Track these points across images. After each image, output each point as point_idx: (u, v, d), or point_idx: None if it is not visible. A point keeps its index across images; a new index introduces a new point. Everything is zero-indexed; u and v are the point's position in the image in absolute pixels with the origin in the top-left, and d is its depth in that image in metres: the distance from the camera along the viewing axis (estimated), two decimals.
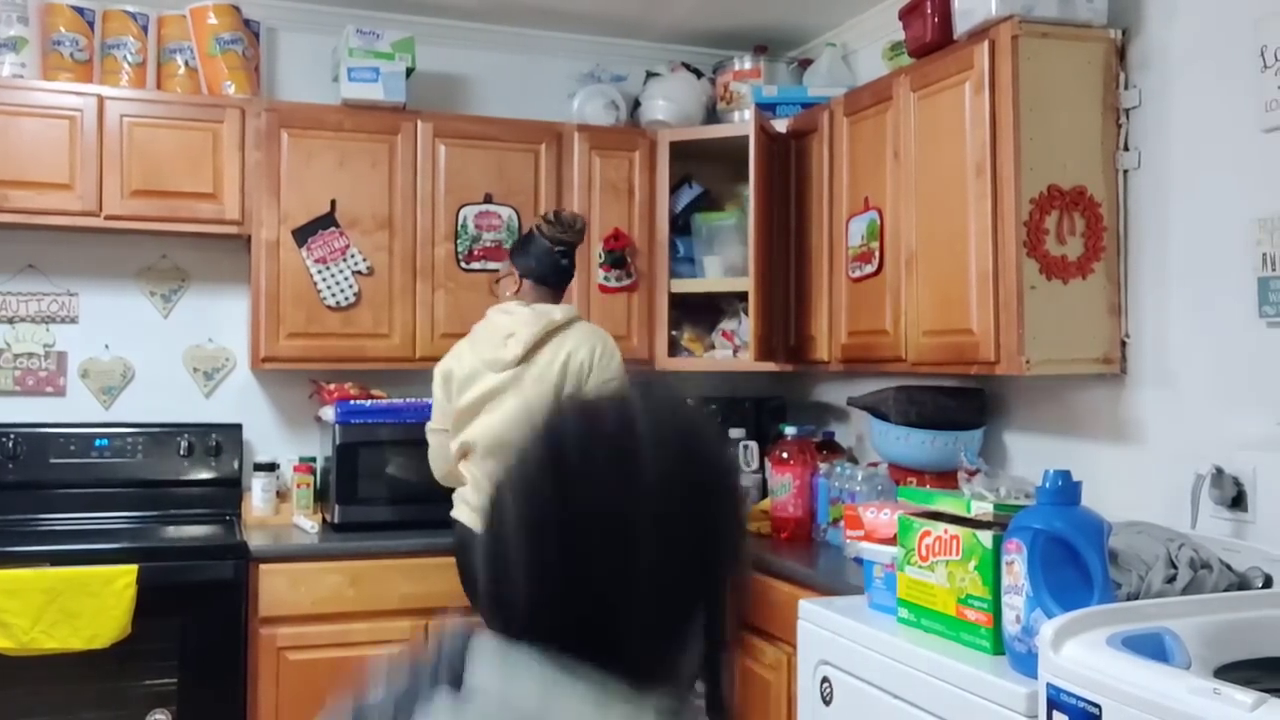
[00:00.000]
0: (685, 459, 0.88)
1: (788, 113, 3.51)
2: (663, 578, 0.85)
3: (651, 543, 0.84)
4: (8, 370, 3.40)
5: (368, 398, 3.38)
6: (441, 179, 3.48)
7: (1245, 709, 1.27)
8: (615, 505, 0.84)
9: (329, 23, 3.64)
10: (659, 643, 0.88)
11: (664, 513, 0.85)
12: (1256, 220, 2.22)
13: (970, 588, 1.91)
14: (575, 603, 0.84)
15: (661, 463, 0.86)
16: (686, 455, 0.88)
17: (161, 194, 3.22)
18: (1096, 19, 2.50)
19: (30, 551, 2.86)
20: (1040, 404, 2.84)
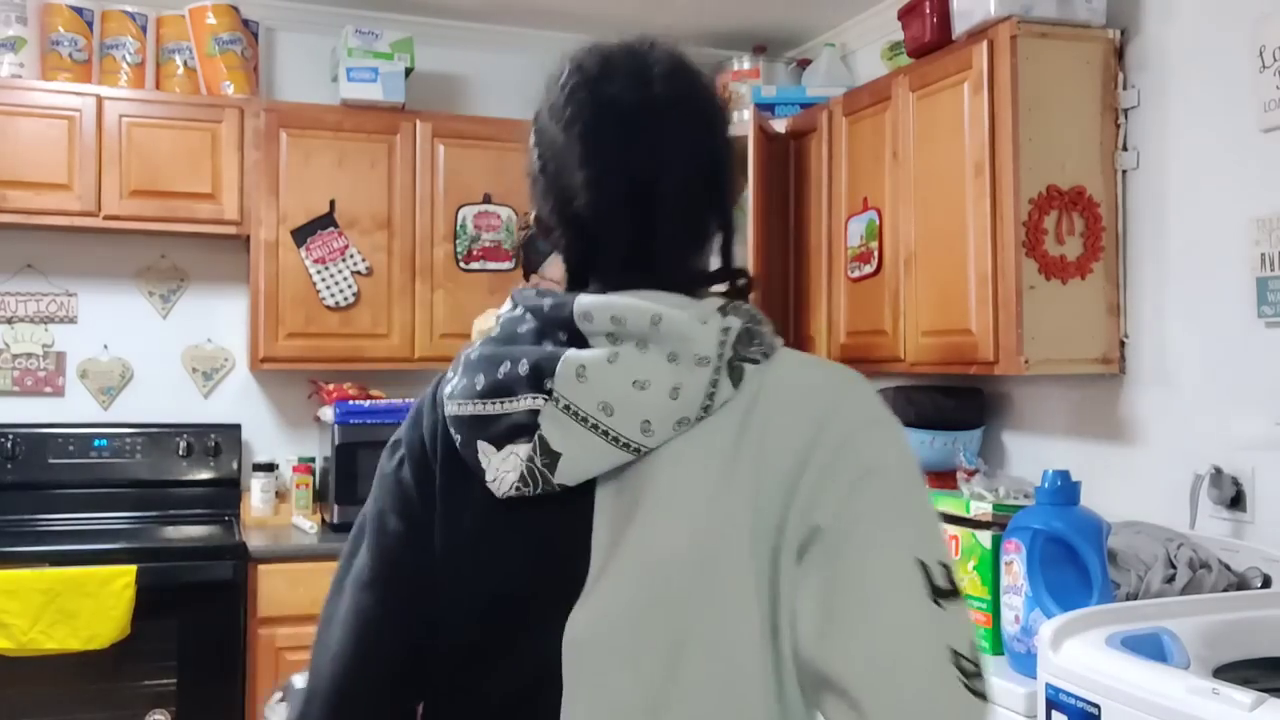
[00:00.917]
0: (683, 63, 1.03)
1: (786, 113, 3.51)
2: (681, 185, 0.94)
3: (670, 123, 0.95)
4: (6, 370, 3.40)
5: (367, 398, 3.38)
6: (440, 179, 3.48)
7: (1244, 709, 1.27)
8: (634, 94, 0.96)
9: (328, 23, 3.64)
10: (691, 243, 0.97)
11: (677, 95, 0.98)
12: (1255, 220, 2.22)
13: (969, 588, 1.91)
14: (622, 187, 0.93)
15: (667, 61, 1.02)
16: (683, 61, 1.03)
17: (160, 194, 3.22)
18: (1095, 19, 2.50)
19: (29, 552, 2.85)
20: (1039, 404, 2.84)
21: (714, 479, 0.86)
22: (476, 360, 0.95)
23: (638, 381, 0.87)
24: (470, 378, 0.95)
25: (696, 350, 0.88)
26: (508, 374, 0.91)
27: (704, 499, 0.86)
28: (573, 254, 0.99)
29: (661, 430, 0.86)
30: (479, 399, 0.93)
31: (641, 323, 0.88)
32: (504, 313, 1.00)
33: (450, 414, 0.95)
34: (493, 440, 0.91)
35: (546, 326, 0.93)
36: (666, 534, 0.85)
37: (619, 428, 0.86)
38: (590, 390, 0.87)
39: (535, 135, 1.05)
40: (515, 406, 0.90)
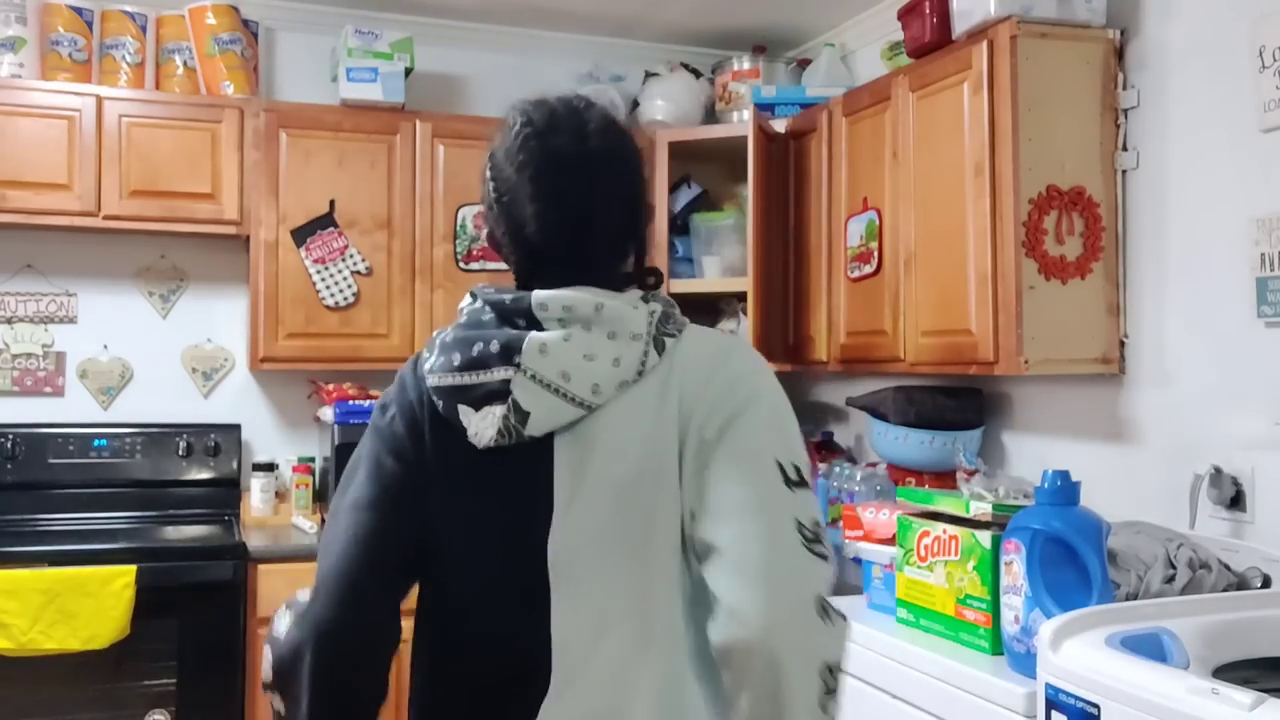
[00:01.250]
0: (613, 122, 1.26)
1: (786, 113, 3.51)
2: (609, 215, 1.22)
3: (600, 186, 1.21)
4: (6, 370, 3.40)
5: (366, 398, 3.38)
6: (440, 179, 3.48)
7: (1244, 709, 1.27)
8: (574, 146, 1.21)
9: (327, 23, 3.64)
10: (616, 257, 1.25)
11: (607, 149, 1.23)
12: (1254, 220, 2.22)
13: (969, 588, 1.91)
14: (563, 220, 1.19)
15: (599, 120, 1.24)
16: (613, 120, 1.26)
17: (160, 194, 3.22)
18: (1095, 19, 2.51)
19: (29, 552, 2.85)
20: (1039, 404, 2.84)
21: (649, 421, 1.15)
22: (451, 342, 1.20)
23: (587, 355, 1.14)
24: (447, 355, 1.19)
25: (632, 329, 1.16)
26: (481, 352, 1.16)
27: (642, 437, 1.15)
28: (521, 268, 1.25)
29: (607, 391, 1.14)
30: (457, 371, 1.18)
31: (587, 310, 1.15)
32: (466, 305, 1.24)
33: (432, 385, 1.20)
34: (471, 403, 1.17)
35: (508, 314, 1.18)
36: (621, 464, 1.14)
37: (575, 390, 1.14)
38: (551, 362, 1.14)
39: (491, 171, 1.28)
40: (490, 377, 1.15)
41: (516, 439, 1.15)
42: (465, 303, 1.25)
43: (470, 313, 1.23)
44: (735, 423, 1.14)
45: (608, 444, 1.15)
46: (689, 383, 1.16)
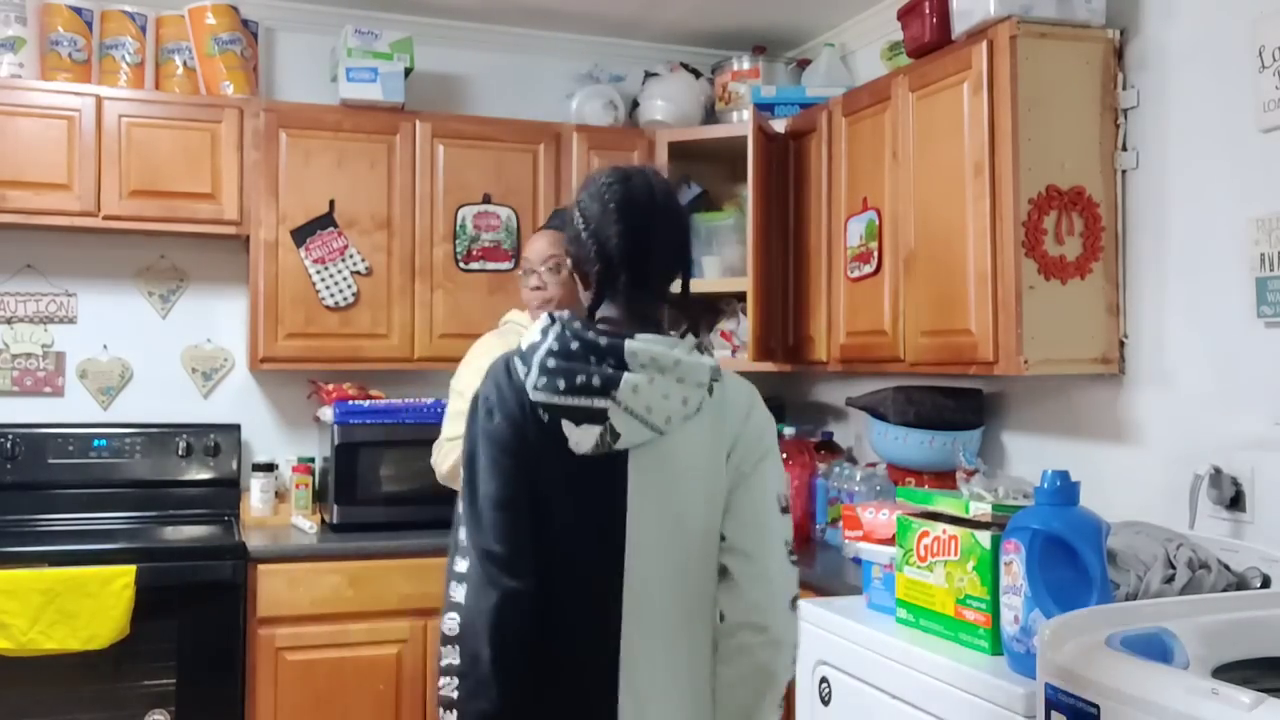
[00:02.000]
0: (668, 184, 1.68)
1: (786, 113, 3.51)
2: (666, 243, 1.63)
3: (660, 222, 1.61)
4: (6, 370, 3.40)
5: (366, 398, 3.38)
6: (440, 179, 3.48)
7: (1244, 709, 1.27)
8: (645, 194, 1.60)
9: (327, 23, 3.64)
10: (668, 280, 1.66)
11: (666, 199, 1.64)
12: (1254, 220, 2.22)
13: (969, 588, 1.91)
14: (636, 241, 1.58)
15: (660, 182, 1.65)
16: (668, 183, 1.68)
17: (160, 194, 3.22)
18: (1094, 19, 2.50)
19: (28, 552, 2.85)
20: (1038, 404, 2.84)
21: (707, 445, 1.57)
22: (555, 369, 1.52)
23: (664, 394, 1.53)
24: (552, 379, 1.52)
25: (698, 378, 1.56)
26: (584, 383, 1.51)
27: (701, 457, 1.57)
28: (600, 278, 1.60)
29: (676, 422, 1.54)
30: (563, 394, 1.51)
31: (667, 362, 1.54)
32: (548, 328, 1.56)
33: (540, 400, 1.52)
34: (573, 419, 1.51)
35: (602, 354, 1.52)
36: (684, 476, 1.56)
37: (654, 420, 1.52)
38: (639, 398, 1.52)
39: (580, 209, 1.63)
40: (590, 403, 1.51)
41: (607, 450, 1.52)
42: (545, 324, 1.56)
43: (559, 340, 1.54)
44: (761, 463, 1.60)
45: (674, 461, 1.55)
46: (732, 421, 1.59)
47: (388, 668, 3.09)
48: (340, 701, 3.06)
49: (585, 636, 1.54)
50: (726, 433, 1.58)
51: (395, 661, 3.09)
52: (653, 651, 1.54)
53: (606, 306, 1.61)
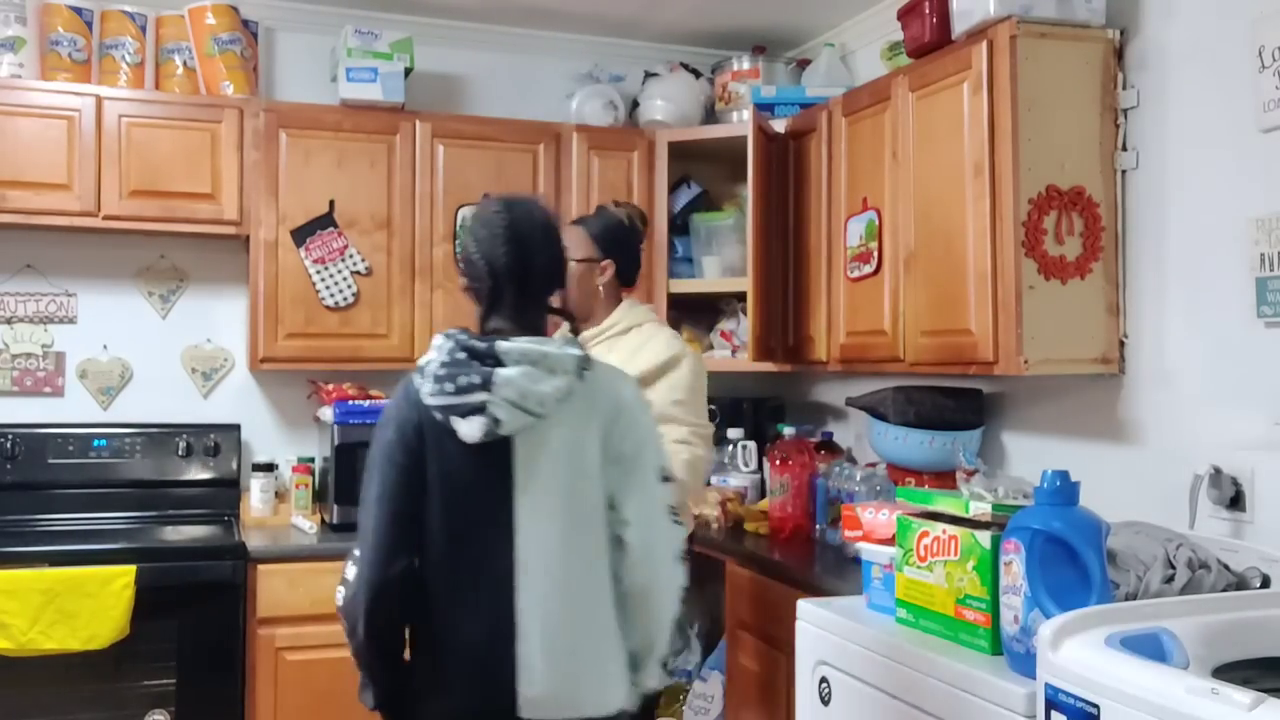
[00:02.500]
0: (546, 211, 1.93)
1: (786, 113, 3.51)
2: (546, 263, 1.89)
3: (540, 246, 1.87)
4: (6, 370, 3.40)
5: (366, 398, 3.38)
6: (440, 179, 3.48)
7: (1243, 709, 1.27)
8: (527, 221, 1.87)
9: (327, 23, 3.64)
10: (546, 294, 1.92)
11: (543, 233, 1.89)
12: (1254, 220, 2.22)
13: (968, 588, 1.91)
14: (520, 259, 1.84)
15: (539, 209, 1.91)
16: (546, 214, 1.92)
17: (160, 194, 3.22)
18: (1094, 19, 2.51)
19: (28, 552, 2.85)
20: (1038, 404, 2.84)
21: (582, 424, 1.82)
22: (443, 375, 1.78)
23: (536, 383, 1.77)
24: (441, 385, 1.78)
25: (566, 367, 1.80)
26: (465, 383, 1.76)
27: (576, 439, 1.82)
28: (491, 292, 1.87)
29: (549, 407, 1.78)
30: (450, 395, 1.77)
31: (536, 355, 1.78)
32: (442, 344, 1.81)
33: (433, 404, 1.78)
34: (459, 414, 1.77)
35: (482, 356, 1.78)
36: (565, 458, 1.81)
37: (529, 405, 1.77)
38: (514, 389, 1.76)
39: (472, 234, 1.88)
40: (472, 399, 1.76)
41: (493, 437, 1.77)
42: (440, 342, 1.81)
43: (448, 352, 1.80)
44: (640, 438, 1.87)
45: (554, 440, 1.81)
46: (605, 403, 1.84)
47: None
48: (340, 701, 3.05)
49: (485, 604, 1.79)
50: (600, 412, 1.83)
51: None
52: (550, 608, 1.79)
53: (496, 319, 1.86)
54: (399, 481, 1.79)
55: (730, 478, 3.63)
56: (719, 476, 3.65)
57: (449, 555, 1.81)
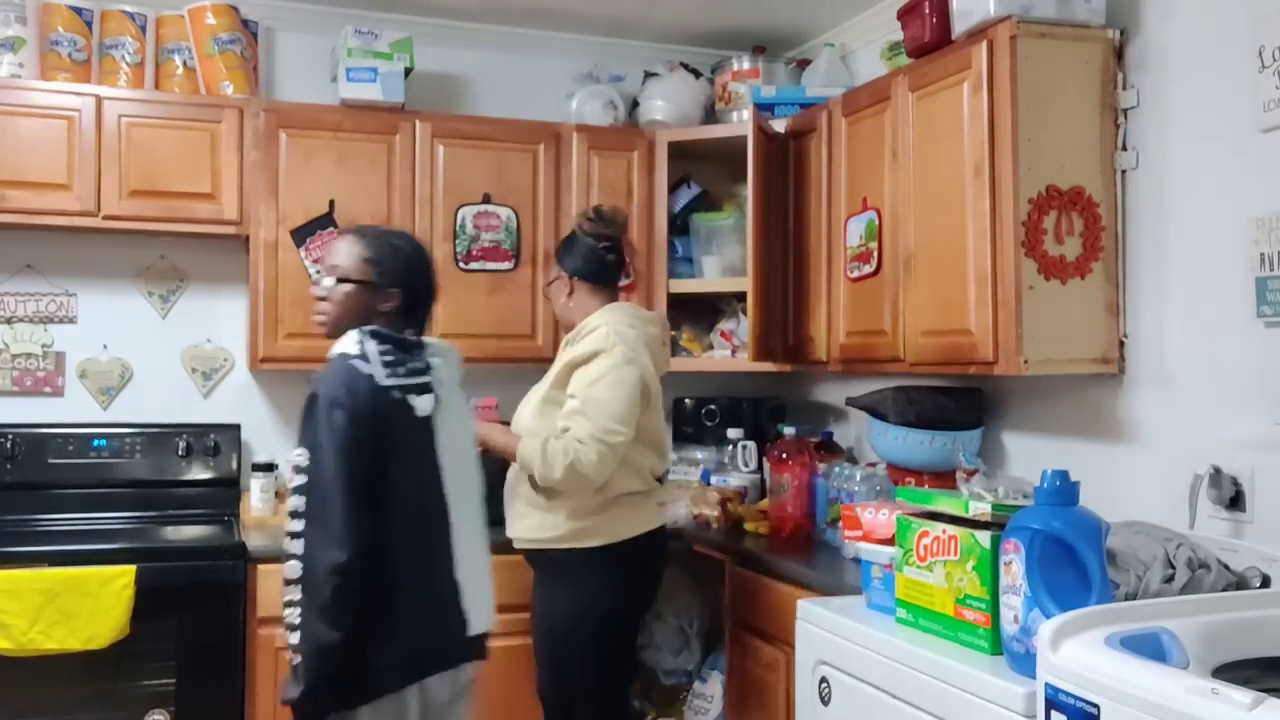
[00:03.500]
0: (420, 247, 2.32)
1: (786, 113, 3.51)
2: (431, 285, 2.28)
3: (429, 273, 2.28)
4: (6, 370, 3.40)
5: None
6: (440, 179, 3.48)
7: (1243, 709, 1.27)
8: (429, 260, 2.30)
9: (327, 23, 3.64)
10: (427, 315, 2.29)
11: (426, 260, 2.29)
12: (1254, 220, 2.22)
13: (968, 588, 1.91)
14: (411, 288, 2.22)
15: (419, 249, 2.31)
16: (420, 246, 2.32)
17: (160, 194, 3.22)
18: (1094, 19, 2.51)
19: (28, 552, 2.85)
20: (1038, 404, 2.84)
21: (460, 407, 2.30)
22: (393, 361, 2.09)
23: (447, 371, 2.24)
24: (394, 368, 2.08)
25: (456, 360, 2.31)
26: (415, 368, 2.13)
27: (462, 414, 2.30)
28: (404, 305, 2.21)
29: (450, 389, 2.23)
30: (405, 377, 2.10)
31: (440, 349, 2.26)
32: (366, 340, 2.09)
33: (389, 384, 2.06)
34: (415, 393, 2.11)
35: (413, 348, 2.17)
36: (463, 425, 2.29)
37: (449, 386, 2.23)
38: (438, 373, 2.19)
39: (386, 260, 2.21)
40: (422, 379, 2.14)
41: (434, 411, 2.14)
42: (365, 339, 2.08)
43: (382, 343, 2.09)
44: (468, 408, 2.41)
45: (454, 415, 2.23)
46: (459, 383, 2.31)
47: None
48: None
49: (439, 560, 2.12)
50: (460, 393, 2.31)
51: None
52: (473, 551, 2.20)
53: (407, 323, 2.20)
54: (362, 462, 1.97)
55: (730, 478, 3.63)
56: (719, 476, 3.65)
57: (414, 520, 2.08)
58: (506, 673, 3.11)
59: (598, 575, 2.64)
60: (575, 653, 2.69)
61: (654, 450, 2.75)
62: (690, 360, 3.73)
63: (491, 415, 3.27)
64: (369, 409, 2.00)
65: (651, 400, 2.69)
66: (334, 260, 2.21)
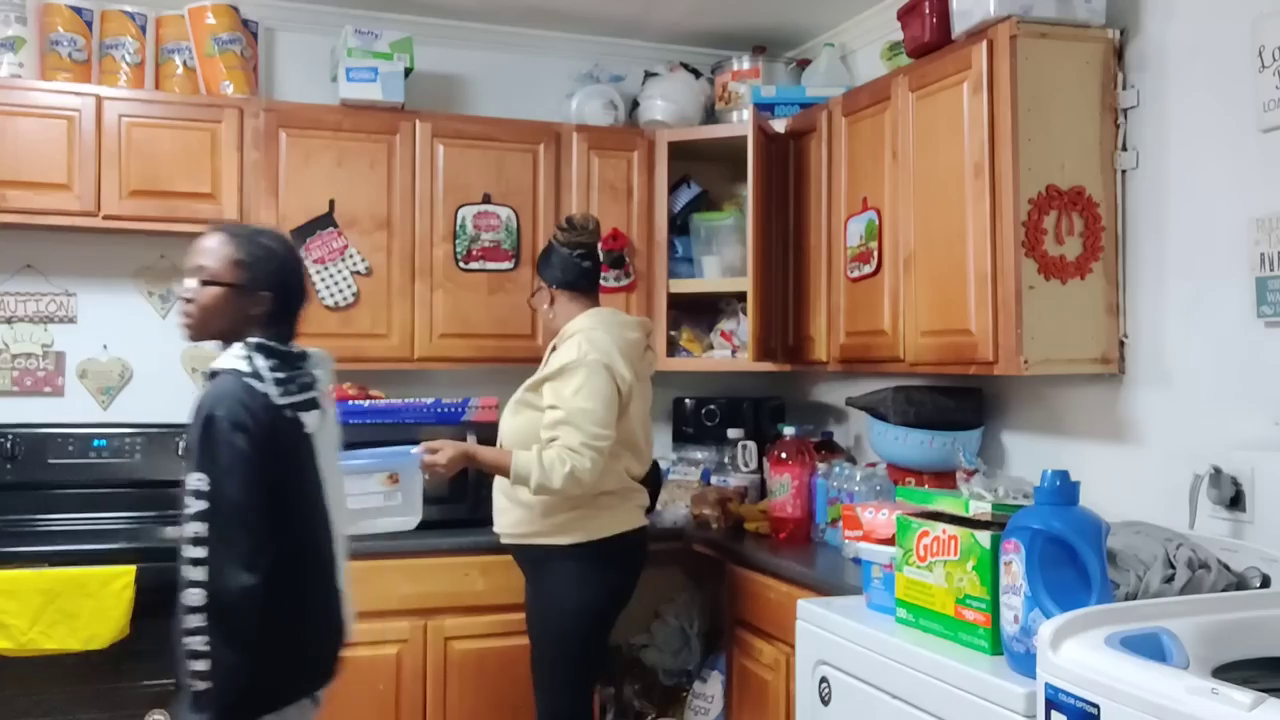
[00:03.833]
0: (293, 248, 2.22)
1: (786, 113, 3.51)
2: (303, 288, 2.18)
3: (301, 276, 2.18)
4: (6, 370, 3.40)
5: (367, 398, 3.38)
6: (440, 179, 3.48)
7: (1243, 709, 1.27)
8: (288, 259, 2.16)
9: (327, 23, 3.64)
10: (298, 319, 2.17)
11: (298, 262, 2.19)
12: (1254, 220, 2.22)
13: (968, 588, 1.91)
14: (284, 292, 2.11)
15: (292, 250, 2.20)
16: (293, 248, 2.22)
17: (159, 194, 3.22)
18: (1094, 19, 2.51)
19: (28, 552, 2.85)
20: (1038, 404, 2.84)
21: (334, 407, 2.26)
22: (285, 379, 2.04)
23: (324, 383, 2.17)
24: (286, 386, 2.03)
25: (331, 368, 2.24)
26: (304, 383, 2.08)
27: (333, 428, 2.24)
28: (279, 311, 2.11)
29: (328, 399, 2.19)
30: (296, 394, 2.05)
31: (319, 358, 2.18)
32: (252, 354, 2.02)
33: (284, 403, 2.02)
34: (305, 409, 2.07)
35: (299, 361, 2.10)
36: (333, 432, 2.24)
37: (323, 403, 2.15)
38: (320, 387, 2.14)
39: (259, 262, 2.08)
40: (310, 395, 2.09)
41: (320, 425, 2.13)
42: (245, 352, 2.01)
43: (270, 358, 2.03)
44: None
45: (328, 429, 2.20)
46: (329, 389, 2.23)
47: (388, 668, 3.09)
48: (340, 701, 3.04)
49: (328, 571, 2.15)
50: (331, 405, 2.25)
51: (395, 661, 3.09)
52: (343, 559, 2.21)
53: (282, 330, 2.10)
54: (264, 484, 1.94)
55: (730, 478, 3.63)
56: (719, 477, 3.65)
57: (307, 533, 2.08)
58: (507, 672, 3.12)
59: (572, 571, 2.69)
60: (545, 643, 2.75)
61: (630, 451, 2.77)
62: (690, 360, 3.73)
63: (492, 416, 3.27)
64: (268, 429, 1.97)
65: (628, 404, 2.72)
66: (200, 260, 2.07)
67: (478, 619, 3.16)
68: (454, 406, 3.34)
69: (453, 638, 3.15)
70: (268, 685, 1.98)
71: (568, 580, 2.70)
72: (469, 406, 3.35)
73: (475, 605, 3.16)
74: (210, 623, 1.87)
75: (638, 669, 3.62)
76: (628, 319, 2.86)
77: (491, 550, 3.03)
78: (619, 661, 3.59)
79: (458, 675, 3.15)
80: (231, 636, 1.88)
